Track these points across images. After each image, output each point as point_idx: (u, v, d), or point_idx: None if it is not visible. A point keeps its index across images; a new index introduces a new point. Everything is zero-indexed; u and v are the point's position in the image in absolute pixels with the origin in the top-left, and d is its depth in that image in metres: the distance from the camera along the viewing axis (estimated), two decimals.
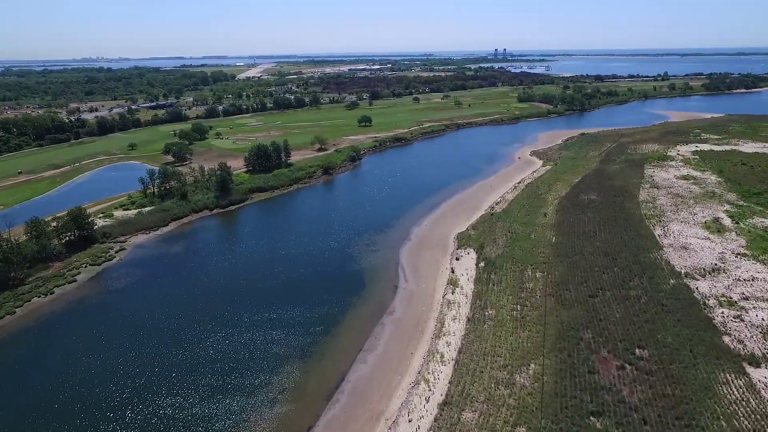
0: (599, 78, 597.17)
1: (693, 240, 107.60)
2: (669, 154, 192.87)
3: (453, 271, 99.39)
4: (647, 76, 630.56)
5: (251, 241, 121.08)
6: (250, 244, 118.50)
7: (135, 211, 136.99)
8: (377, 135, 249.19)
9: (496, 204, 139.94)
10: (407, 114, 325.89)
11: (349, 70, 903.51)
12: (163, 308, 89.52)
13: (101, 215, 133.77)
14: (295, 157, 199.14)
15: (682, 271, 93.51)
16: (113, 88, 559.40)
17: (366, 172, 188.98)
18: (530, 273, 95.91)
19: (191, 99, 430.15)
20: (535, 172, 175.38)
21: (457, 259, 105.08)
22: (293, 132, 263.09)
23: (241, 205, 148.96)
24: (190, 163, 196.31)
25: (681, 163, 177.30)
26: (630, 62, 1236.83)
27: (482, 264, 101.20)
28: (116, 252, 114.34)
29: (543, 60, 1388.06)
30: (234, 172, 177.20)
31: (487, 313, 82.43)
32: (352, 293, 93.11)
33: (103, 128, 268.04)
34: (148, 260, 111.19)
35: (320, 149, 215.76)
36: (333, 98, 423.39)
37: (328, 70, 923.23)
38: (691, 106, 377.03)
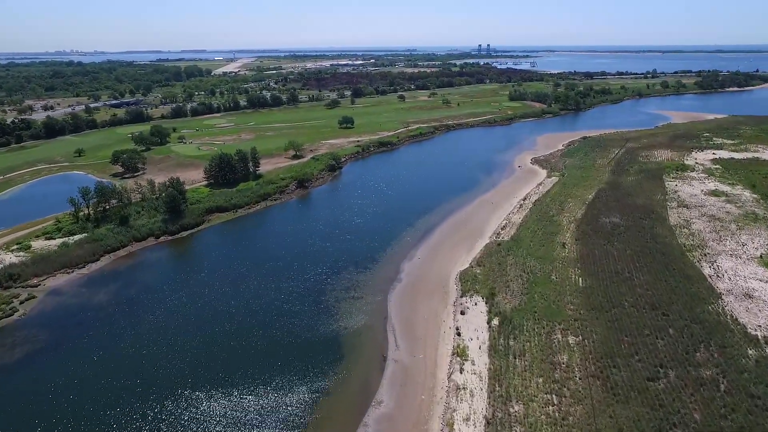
0: (589, 75, 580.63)
1: (755, 284, 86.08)
2: (686, 162, 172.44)
3: (459, 333, 76.09)
4: (637, 73, 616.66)
5: (199, 283, 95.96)
6: (196, 289, 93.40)
7: (60, 241, 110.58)
8: (360, 138, 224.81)
9: (502, 229, 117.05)
10: (392, 113, 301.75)
11: (331, 65, 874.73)
12: (62, 399, 64.37)
13: (15, 247, 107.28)
14: (266, 167, 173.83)
15: (758, 333, 71.71)
16: (77, 83, 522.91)
17: (347, 184, 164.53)
18: (560, 337, 73.11)
19: (159, 96, 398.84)
20: (540, 185, 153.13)
21: (463, 312, 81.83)
22: (267, 135, 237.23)
23: (196, 230, 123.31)
24: (143, 173, 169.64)
25: (703, 175, 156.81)
26: (613, 59, 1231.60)
27: (495, 322, 78.10)
28: (21, 303, 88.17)
29: (527, 56, 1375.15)
30: (193, 186, 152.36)
31: (512, 411, 59.26)
32: (325, 370, 69.13)
33: (52, 130, 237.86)
34: (62, 315, 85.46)
35: (295, 156, 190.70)
36: (313, 96, 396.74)
37: (309, 65, 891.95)
38: (688, 105, 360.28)
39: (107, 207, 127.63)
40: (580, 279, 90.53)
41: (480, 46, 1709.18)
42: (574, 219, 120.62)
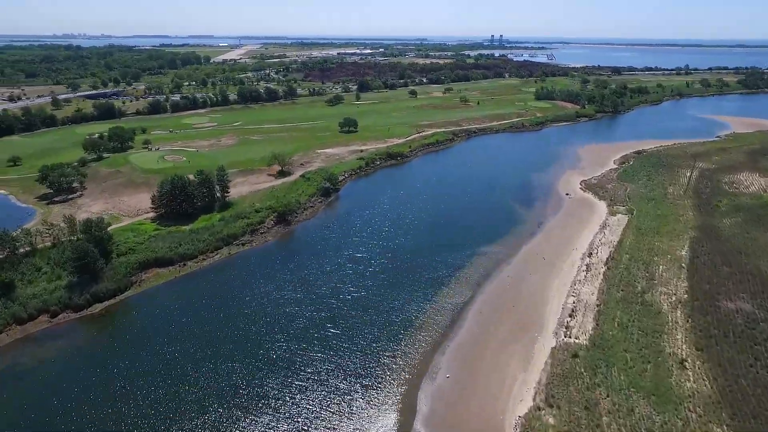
0: (616, 70, 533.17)
1: None
2: None
3: None
4: (666, 69, 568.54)
5: (94, 413, 57.09)
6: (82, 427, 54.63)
7: None
8: (364, 147, 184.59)
9: (571, 316, 77.08)
10: (403, 114, 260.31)
11: (338, 54, 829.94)
12: None
13: None
14: (241, 189, 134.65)
15: None
16: (62, 69, 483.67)
17: (342, 217, 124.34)
18: None
19: (143, 86, 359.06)
20: (604, 227, 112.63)
21: None
22: (252, 139, 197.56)
23: (117, 299, 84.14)
24: (80, 196, 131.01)
25: None
26: (633, 52, 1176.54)
27: None
28: None
29: (543, 48, 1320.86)
30: (136, 219, 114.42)
31: None
32: None
33: None
34: None
35: (281, 172, 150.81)
36: (314, 89, 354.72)
37: (315, 53, 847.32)
38: (740, 108, 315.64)
39: None
40: None
41: (492, 36, 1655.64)
42: (677, 299, 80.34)
